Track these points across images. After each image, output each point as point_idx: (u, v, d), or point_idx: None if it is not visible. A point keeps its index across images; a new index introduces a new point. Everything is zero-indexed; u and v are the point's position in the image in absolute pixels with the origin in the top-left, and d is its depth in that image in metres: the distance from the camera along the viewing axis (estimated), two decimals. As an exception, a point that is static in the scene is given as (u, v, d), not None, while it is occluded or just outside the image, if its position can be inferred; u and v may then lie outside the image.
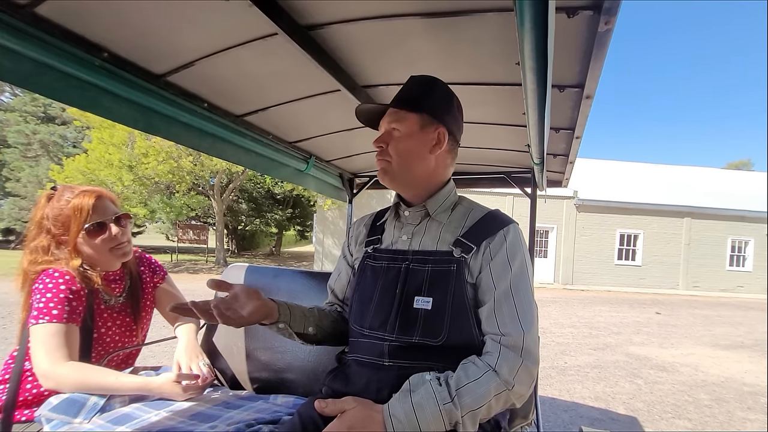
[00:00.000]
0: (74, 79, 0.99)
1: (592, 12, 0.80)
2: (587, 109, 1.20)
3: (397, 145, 0.98)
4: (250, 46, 1.09)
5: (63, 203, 1.21)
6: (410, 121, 0.98)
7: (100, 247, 1.23)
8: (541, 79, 0.80)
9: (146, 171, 12.90)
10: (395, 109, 0.99)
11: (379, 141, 1.00)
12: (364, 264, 1.04)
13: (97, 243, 1.23)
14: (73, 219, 1.19)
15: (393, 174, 1.00)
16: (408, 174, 1.00)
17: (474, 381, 0.79)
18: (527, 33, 0.64)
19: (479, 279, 0.91)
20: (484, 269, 0.91)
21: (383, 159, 1.01)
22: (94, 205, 1.22)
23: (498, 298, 0.87)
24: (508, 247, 0.92)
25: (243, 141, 1.59)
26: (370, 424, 0.78)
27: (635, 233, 16.20)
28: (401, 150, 0.98)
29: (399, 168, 0.99)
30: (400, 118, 0.98)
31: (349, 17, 0.99)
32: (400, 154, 0.98)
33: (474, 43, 1.05)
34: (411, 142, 0.98)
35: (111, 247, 1.25)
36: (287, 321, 0.96)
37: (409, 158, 0.99)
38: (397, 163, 0.99)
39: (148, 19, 0.96)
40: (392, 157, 0.99)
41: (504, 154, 2.04)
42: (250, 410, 1.19)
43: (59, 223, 1.20)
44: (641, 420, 3.39)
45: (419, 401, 0.78)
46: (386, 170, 1.01)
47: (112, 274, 1.32)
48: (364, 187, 2.75)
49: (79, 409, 1.04)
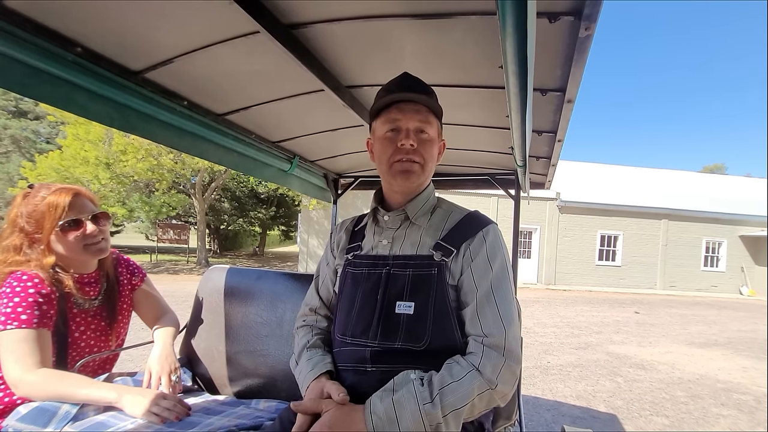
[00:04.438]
0: (46, 74, 0.95)
1: (572, 18, 0.81)
2: (569, 112, 1.22)
3: (428, 149, 0.96)
4: (232, 43, 1.06)
5: (38, 200, 1.17)
6: (435, 126, 0.98)
7: (74, 244, 1.19)
8: (523, 82, 0.80)
9: (124, 169, 12.55)
10: (424, 110, 0.95)
11: (411, 139, 0.93)
12: (345, 272, 1.03)
13: (70, 240, 1.18)
14: (47, 215, 1.15)
15: (420, 177, 0.97)
16: (425, 180, 1.01)
17: (457, 381, 0.79)
18: (509, 37, 0.64)
19: (461, 281, 0.91)
20: (465, 271, 0.91)
21: (413, 159, 0.95)
22: (70, 203, 1.17)
23: (480, 300, 0.87)
24: (488, 248, 0.92)
25: (225, 140, 1.56)
26: (350, 422, 0.78)
27: (615, 234, 16.57)
28: (431, 155, 0.98)
29: (426, 173, 0.98)
30: (430, 120, 0.96)
31: (332, 17, 0.98)
32: (429, 160, 0.97)
33: (458, 45, 1.06)
34: (435, 149, 0.99)
35: (85, 244, 1.20)
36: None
37: (432, 165, 1.00)
38: (427, 168, 0.98)
39: (124, 14, 0.92)
40: (424, 159, 0.96)
41: (488, 156, 2.05)
42: (231, 416, 1.17)
43: (33, 220, 1.16)
44: (621, 418, 3.46)
45: (400, 399, 0.78)
46: (417, 174, 0.96)
47: (87, 276, 1.27)
48: (349, 187, 2.73)
49: (50, 419, 1.00)
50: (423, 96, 0.94)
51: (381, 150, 0.97)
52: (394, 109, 0.94)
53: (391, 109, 0.95)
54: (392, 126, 0.95)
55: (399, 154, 0.94)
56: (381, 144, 0.97)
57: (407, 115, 0.94)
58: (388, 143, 0.95)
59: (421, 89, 0.96)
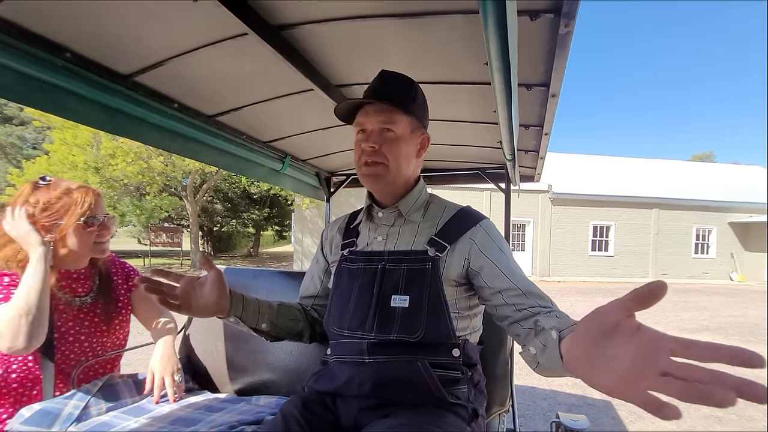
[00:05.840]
0: (36, 80, 0.96)
1: (552, 15, 0.83)
2: (554, 106, 1.25)
3: (393, 147, 0.95)
4: (221, 45, 1.08)
5: (61, 192, 1.20)
6: (404, 123, 0.96)
7: (87, 239, 1.24)
8: (507, 78, 0.83)
9: (114, 173, 12.41)
10: (388, 108, 0.94)
11: (371, 141, 0.94)
12: (341, 267, 1.05)
13: (85, 236, 1.23)
14: (72, 208, 1.20)
15: (387, 177, 0.97)
16: (400, 178, 0.99)
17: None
18: (492, 35, 0.67)
19: (480, 268, 0.94)
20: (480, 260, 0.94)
21: (376, 161, 0.95)
22: (95, 202, 1.25)
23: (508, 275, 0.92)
24: (494, 239, 0.97)
25: (216, 141, 1.57)
26: None
27: (607, 225, 16.73)
28: (398, 153, 0.96)
29: (395, 171, 0.97)
30: (394, 119, 0.95)
31: (320, 18, 1.00)
32: (396, 157, 0.96)
33: (444, 43, 1.08)
34: (406, 146, 0.97)
35: (95, 242, 1.26)
36: (238, 315, 0.96)
37: (404, 162, 0.98)
38: (394, 167, 0.96)
39: (112, 19, 0.93)
40: (388, 159, 0.95)
41: (478, 150, 2.08)
42: (232, 412, 1.19)
43: (53, 210, 1.18)
44: (615, 403, 3.53)
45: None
46: (380, 174, 0.96)
47: (74, 272, 1.28)
48: (342, 185, 2.75)
49: (53, 420, 1.01)
50: (390, 95, 0.94)
51: (354, 154, 1.00)
52: (360, 113, 0.98)
53: (359, 112, 0.98)
54: (359, 129, 0.98)
55: (363, 157, 0.96)
56: (354, 147, 1.00)
57: (370, 117, 0.96)
58: (357, 147, 0.99)
59: (390, 87, 0.96)
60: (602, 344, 0.50)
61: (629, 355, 0.46)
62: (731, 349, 0.38)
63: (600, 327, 0.50)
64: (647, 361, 0.43)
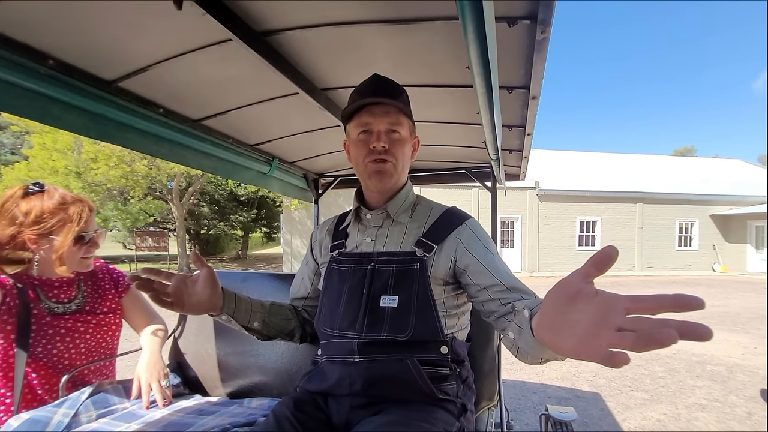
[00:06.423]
0: (20, 88, 0.96)
1: (529, 22, 0.86)
2: (535, 107, 1.28)
3: (399, 148, 0.99)
4: (205, 51, 1.08)
5: (57, 205, 1.19)
6: (406, 125, 1.01)
7: (75, 255, 1.24)
8: (488, 82, 0.85)
9: (96, 177, 12.19)
10: (394, 110, 0.98)
11: (382, 141, 0.97)
12: (330, 268, 1.07)
13: (74, 252, 1.23)
14: (69, 225, 1.19)
15: (394, 176, 1.01)
16: (400, 178, 1.04)
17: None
18: (471, 41, 0.69)
19: (465, 266, 0.96)
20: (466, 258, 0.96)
21: (388, 160, 0.99)
22: (89, 217, 1.25)
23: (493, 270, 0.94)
24: (479, 237, 1.00)
25: (203, 145, 1.57)
26: None
27: (593, 220, 17.01)
28: (403, 154, 1.01)
29: (400, 172, 1.01)
30: (400, 121, 0.99)
31: (303, 24, 1.01)
32: (401, 159, 1.00)
33: (427, 48, 1.10)
34: (407, 148, 1.02)
35: (82, 257, 1.26)
36: (231, 313, 0.97)
37: (406, 163, 1.03)
38: (399, 167, 1.01)
39: (95, 26, 0.93)
40: (396, 159, 0.99)
41: (464, 150, 2.11)
42: (224, 415, 1.19)
43: (45, 224, 1.17)
44: (603, 395, 3.62)
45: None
46: (390, 173, 0.99)
47: (56, 279, 1.26)
48: (330, 187, 2.76)
49: (43, 429, 1.00)
50: (392, 98, 0.98)
51: (356, 153, 1.01)
52: (365, 113, 0.98)
53: (362, 112, 0.98)
54: (364, 128, 0.99)
55: (372, 155, 0.98)
56: (355, 147, 1.01)
57: (377, 117, 0.97)
58: (362, 146, 0.99)
59: (390, 90, 1.00)
60: (566, 310, 0.52)
61: (588, 318, 0.49)
62: (674, 296, 0.43)
63: (563, 295, 0.53)
64: (604, 320, 0.47)
